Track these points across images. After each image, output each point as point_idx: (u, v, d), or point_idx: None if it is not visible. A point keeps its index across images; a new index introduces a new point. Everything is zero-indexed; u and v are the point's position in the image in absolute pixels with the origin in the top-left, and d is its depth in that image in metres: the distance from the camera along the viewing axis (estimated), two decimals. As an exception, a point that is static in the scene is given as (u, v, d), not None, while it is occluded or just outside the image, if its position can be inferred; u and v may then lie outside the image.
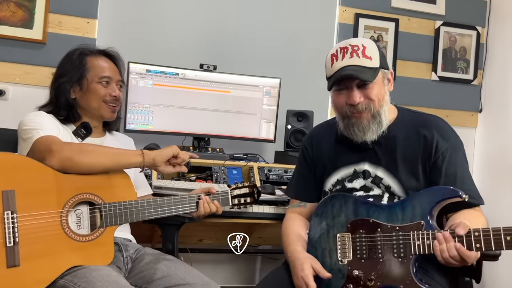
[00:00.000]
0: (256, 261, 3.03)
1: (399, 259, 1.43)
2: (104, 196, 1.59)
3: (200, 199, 1.77)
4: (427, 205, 1.43)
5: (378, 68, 1.61)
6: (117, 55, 1.88)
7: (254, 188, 1.90)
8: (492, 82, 3.24)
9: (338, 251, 1.53)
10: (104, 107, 1.80)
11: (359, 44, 1.61)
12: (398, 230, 1.45)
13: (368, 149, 1.66)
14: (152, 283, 1.60)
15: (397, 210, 1.48)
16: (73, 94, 1.79)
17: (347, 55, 1.60)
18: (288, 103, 2.79)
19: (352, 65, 1.59)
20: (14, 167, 1.47)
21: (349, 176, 1.69)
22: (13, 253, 1.41)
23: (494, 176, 3.03)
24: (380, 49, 1.65)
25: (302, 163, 1.85)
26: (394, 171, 1.62)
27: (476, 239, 1.31)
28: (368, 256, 1.48)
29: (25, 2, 2.57)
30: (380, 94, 1.62)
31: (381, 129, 1.63)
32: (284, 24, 2.99)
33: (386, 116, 1.64)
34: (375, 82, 1.60)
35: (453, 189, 1.43)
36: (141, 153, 1.65)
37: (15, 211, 1.43)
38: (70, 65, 1.80)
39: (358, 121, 1.62)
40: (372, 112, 1.61)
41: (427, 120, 1.67)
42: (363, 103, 1.60)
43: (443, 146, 1.59)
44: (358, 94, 1.60)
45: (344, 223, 1.55)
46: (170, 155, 1.69)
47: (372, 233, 1.49)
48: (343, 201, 1.58)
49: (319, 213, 1.63)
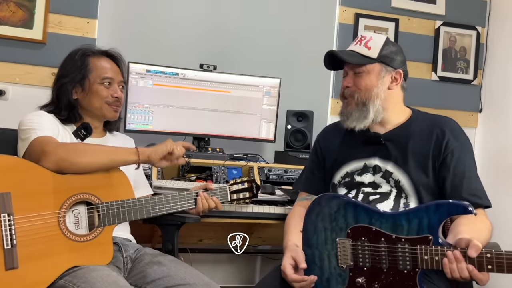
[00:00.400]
0: (256, 261, 3.03)
1: (404, 271, 1.40)
2: (102, 195, 1.59)
3: (198, 195, 1.77)
4: (437, 220, 1.36)
5: (375, 59, 1.66)
6: (119, 56, 1.89)
7: (253, 183, 1.90)
8: (492, 82, 3.24)
9: (338, 256, 1.49)
10: (106, 107, 1.80)
11: (369, 36, 1.71)
12: (404, 242, 1.40)
13: (379, 144, 1.69)
14: (152, 283, 1.60)
15: (402, 221, 1.41)
16: (75, 95, 1.79)
17: (354, 42, 1.73)
18: (288, 103, 2.79)
19: (349, 50, 1.71)
20: (9, 169, 1.47)
21: (359, 170, 1.71)
22: (11, 255, 1.40)
23: (494, 176, 3.03)
24: (390, 47, 1.70)
25: (313, 157, 1.89)
26: (404, 166, 1.64)
27: (488, 261, 1.28)
28: (371, 265, 1.44)
29: (25, 2, 2.57)
30: (370, 85, 1.67)
31: (366, 120, 1.68)
32: (284, 24, 2.99)
33: (376, 109, 1.67)
34: (367, 72, 1.67)
35: (466, 207, 1.34)
36: (136, 151, 1.65)
37: (12, 213, 1.42)
38: (72, 65, 1.80)
39: (345, 107, 1.73)
40: (356, 100, 1.68)
41: (440, 120, 1.70)
42: (351, 89, 1.69)
43: (453, 144, 1.62)
44: (350, 79, 1.70)
45: (343, 227, 1.49)
46: (165, 152, 1.69)
47: (376, 242, 1.43)
48: (342, 204, 1.51)
49: (313, 212, 1.54)
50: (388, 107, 1.69)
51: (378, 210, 1.47)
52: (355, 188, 1.71)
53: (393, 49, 1.70)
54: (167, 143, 1.71)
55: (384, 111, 1.69)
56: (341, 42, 3.04)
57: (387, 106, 1.69)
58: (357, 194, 1.70)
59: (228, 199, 1.88)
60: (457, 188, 1.59)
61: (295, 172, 2.54)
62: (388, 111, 1.70)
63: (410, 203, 1.62)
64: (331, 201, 1.52)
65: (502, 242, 1.71)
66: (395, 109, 1.71)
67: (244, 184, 1.92)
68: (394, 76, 1.70)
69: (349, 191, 1.72)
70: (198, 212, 1.82)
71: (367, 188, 1.68)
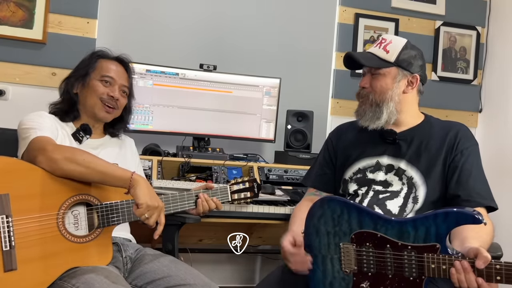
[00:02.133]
0: (256, 261, 3.03)
1: (410, 278, 1.38)
2: (100, 196, 1.58)
3: (199, 198, 1.77)
4: (445, 228, 1.34)
5: (392, 63, 1.69)
6: (128, 61, 1.90)
7: (254, 182, 1.90)
8: (492, 82, 3.24)
9: (342, 260, 1.47)
10: (99, 105, 1.79)
11: (389, 38, 1.74)
12: (410, 250, 1.38)
13: (393, 142, 1.71)
14: (152, 284, 1.60)
15: (409, 228, 1.39)
16: (76, 89, 1.82)
17: (375, 44, 1.76)
18: (288, 103, 2.79)
19: (368, 52, 1.75)
20: (7, 170, 1.46)
21: (371, 167, 1.73)
22: (9, 257, 1.40)
23: (494, 176, 3.01)
24: (410, 51, 1.71)
25: (324, 154, 1.91)
26: (416, 163, 1.67)
27: (497, 272, 1.26)
28: (376, 271, 1.42)
29: (25, 2, 2.57)
30: (385, 88, 1.70)
31: (379, 121, 1.71)
32: (284, 24, 2.99)
33: (390, 111, 1.70)
34: (384, 74, 1.70)
35: (475, 216, 1.31)
36: (129, 182, 1.54)
37: (10, 215, 1.42)
38: (82, 63, 1.86)
39: (360, 106, 1.76)
40: (371, 101, 1.72)
41: (455, 124, 1.75)
42: (366, 90, 1.73)
43: (464, 145, 1.66)
44: (366, 80, 1.73)
45: (347, 232, 1.46)
46: (145, 212, 1.54)
47: (381, 248, 1.42)
48: (345, 208, 1.47)
49: (316, 215, 1.52)
50: (402, 110, 1.72)
51: (383, 216, 1.45)
52: (366, 185, 1.72)
53: (412, 54, 1.72)
54: (161, 213, 1.59)
55: (398, 113, 1.72)
56: (341, 42, 3.04)
57: (401, 108, 1.72)
58: (367, 191, 1.71)
59: (229, 199, 1.87)
60: (462, 186, 1.61)
61: (295, 172, 2.54)
62: (402, 114, 1.72)
63: (418, 196, 1.64)
64: (334, 204, 1.49)
65: (502, 242, 1.72)
66: (409, 112, 1.74)
67: (245, 184, 1.91)
68: (410, 80, 1.72)
69: (359, 187, 1.73)
70: (198, 214, 1.82)
71: (378, 186, 1.70)
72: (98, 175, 1.55)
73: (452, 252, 1.35)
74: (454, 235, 1.49)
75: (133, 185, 1.53)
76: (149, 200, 1.53)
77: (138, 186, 1.53)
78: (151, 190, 1.58)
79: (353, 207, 1.47)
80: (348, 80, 3.02)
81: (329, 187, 1.86)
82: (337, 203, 1.49)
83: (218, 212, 1.92)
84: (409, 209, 1.63)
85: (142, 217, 1.54)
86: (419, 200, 1.64)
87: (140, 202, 1.52)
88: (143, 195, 1.52)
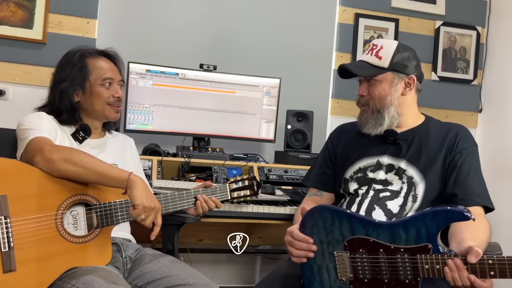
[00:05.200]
0: (256, 261, 3.03)
1: (406, 281, 1.38)
2: (99, 196, 1.58)
3: (197, 199, 1.77)
4: (435, 228, 1.35)
5: (386, 68, 1.69)
6: (116, 55, 1.88)
7: (253, 180, 1.88)
8: (492, 82, 3.24)
9: (337, 269, 1.47)
10: (108, 109, 1.80)
11: (380, 44, 1.73)
12: (403, 252, 1.38)
13: (394, 142, 1.72)
14: (152, 284, 1.60)
15: (399, 231, 1.39)
16: (76, 98, 1.78)
17: (366, 51, 1.76)
18: (288, 103, 2.79)
19: (361, 60, 1.76)
20: (5, 172, 1.46)
21: (372, 166, 1.74)
22: (8, 258, 1.39)
23: (494, 176, 3.02)
24: (402, 53, 1.71)
25: (324, 154, 1.92)
26: (416, 162, 1.68)
27: (490, 267, 1.27)
28: (371, 277, 1.42)
29: (25, 2, 2.57)
30: (383, 94, 1.71)
31: (382, 127, 1.72)
32: (284, 24, 2.99)
33: (391, 116, 1.71)
34: (380, 81, 1.71)
35: (464, 213, 1.32)
36: (126, 183, 1.53)
37: (9, 216, 1.42)
38: (71, 68, 1.78)
39: (361, 114, 1.77)
40: (372, 108, 1.72)
41: (453, 125, 1.77)
42: (365, 98, 1.74)
43: (463, 145, 1.68)
44: (364, 88, 1.74)
45: (340, 240, 1.45)
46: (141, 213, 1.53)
47: (374, 253, 1.41)
48: (335, 216, 1.46)
49: (308, 225, 1.50)
50: (403, 112, 1.74)
51: (373, 221, 1.45)
52: (366, 184, 1.73)
53: (405, 55, 1.72)
54: (158, 214, 1.57)
55: (399, 116, 1.73)
56: (341, 42, 3.05)
57: (402, 111, 1.73)
58: (368, 191, 1.71)
59: (228, 197, 1.86)
60: (460, 185, 1.62)
61: (295, 172, 2.54)
62: (403, 116, 1.74)
63: (417, 194, 1.65)
64: (325, 213, 1.48)
65: (502, 242, 1.72)
66: (410, 113, 1.76)
67: (245, 182, 1.90)
68: (407, 82, 1.73)
69: (360, 186, 1.74)
70: (198, 215, 1.82)
71: (378, 185, 1.70)
72: (95, 176, 1.54)
73: (444, 251, 1.35)
74: (451, 237, 1.50)
75: (130, 185, 1.53)
76: (146, 201, 1.53)
77: (135, 187, 1.53)
78: (148, 191, 1.57)
79: (343, 214, 1.47)
80: (348, 80, 2.99)
81: (329, 187, 1.87)
82: (327, 211, 1.48)
83: (218, 212, 1.92)
84: (408, 207, 1.64)
85: (139, 218, 1.54)
86: (418, 198, 1.65)
87: (137, 203, 1.52)
88: (139, 196, 1.52)
